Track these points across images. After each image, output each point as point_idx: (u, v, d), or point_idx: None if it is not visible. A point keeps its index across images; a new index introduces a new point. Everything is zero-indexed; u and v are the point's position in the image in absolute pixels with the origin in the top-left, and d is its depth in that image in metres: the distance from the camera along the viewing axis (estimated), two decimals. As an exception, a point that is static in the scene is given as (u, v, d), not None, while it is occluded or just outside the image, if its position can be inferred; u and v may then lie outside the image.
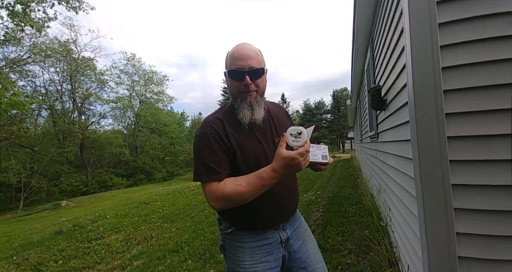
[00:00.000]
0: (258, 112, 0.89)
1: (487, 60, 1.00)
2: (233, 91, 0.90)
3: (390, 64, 1.65)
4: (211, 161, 0.83)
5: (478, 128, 1.01)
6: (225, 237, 0.97)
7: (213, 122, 0.88)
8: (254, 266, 0.90)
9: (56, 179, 19.78)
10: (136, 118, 26.72)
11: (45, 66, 20.23)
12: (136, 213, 5.21)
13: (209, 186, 0.82)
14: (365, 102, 4.19)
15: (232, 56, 0.87)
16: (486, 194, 0.99)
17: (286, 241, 0.97)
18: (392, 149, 1.85)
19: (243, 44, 0.90)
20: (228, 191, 0.78)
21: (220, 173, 0.82)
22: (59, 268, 2.81)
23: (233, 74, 0.86)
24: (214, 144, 0.84)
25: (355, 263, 2.03)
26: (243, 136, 0.88)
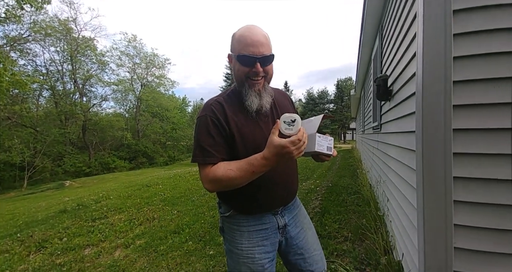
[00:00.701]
0: (266, 100, 0.89)
1: (500, 52, 0.96)
2: (240, 76, 0.87)
3: (400, 52, 1.59)
4: (207, 144, 0.83)
5: (485, 121, 1.00)
6: (224, 220, 0.99)
7: (213, 105, 0.87)
8: (251, 249, 0.92)
9: (59, 159, 20.09)
10: (137, 101, 26.58)
11: (46, 45, 19.87)
12: (139, 195, 5.33)
13: (204, 168, 0.83)
14: (370, 92, 4.12)
15: (242, 40, 0.82)
16: (487, 187, 1.00)
17: (284, 227, 0.98)
18: (395, 141, 1.84)
19: (253, 27, 0.85)
20: (219, 174, 0.79)
21: (214, 157, 0.83)
22: (63, 245, 2.92)
23: (244, 59, 0.83)
24: (212, 127, 0.84)
25: (351, 250, 2.10)
26: (244, 121, 0.88)
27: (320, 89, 47.85)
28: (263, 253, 0.93)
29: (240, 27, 0.88)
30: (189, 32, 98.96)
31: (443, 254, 1.05)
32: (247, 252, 0.92)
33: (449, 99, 1.01)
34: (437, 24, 1.02)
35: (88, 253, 2.69)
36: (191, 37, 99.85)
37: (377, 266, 1.79)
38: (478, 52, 0.99)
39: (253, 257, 0.92)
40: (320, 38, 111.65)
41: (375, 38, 3.36)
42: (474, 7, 0.99)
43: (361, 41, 3.77)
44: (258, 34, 0.83)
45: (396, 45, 1.73)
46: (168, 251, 2.51)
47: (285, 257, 1.04)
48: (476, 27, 0.99)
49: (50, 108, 21.41)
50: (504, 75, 0.96)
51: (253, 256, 0.92)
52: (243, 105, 0.89)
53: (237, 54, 0.83)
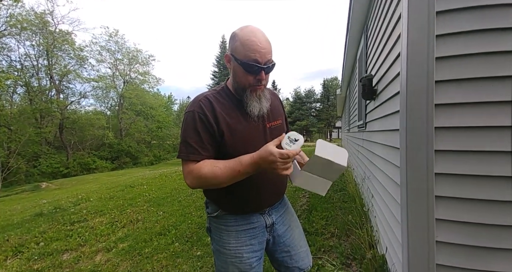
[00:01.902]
0: (264, 104, 0.90)
1: (481, 52, 1.01)
2: (242, 82, 0.85)
3: (384, 52, 1.64)
4: (193, 140, 0.82)
5: (465, 119, 1.04)
6: (211, 220, 0.98)
7: (202, 101, 0.85)
8: (239, 248, 0.92)
9: (35, 160, 18.97)
10: (120, 99, 25.61)
11: (21, 39, 18.68)
12: (122, 196, 5.13)
13: (188, 164, 0.82)
14: (355, 92, 4.22)
15: (249, 45, 0.78)
16: (467, 183, 1.04)
17: (272, 225, 0.99)
18: (380, 139, 1.89)
19: (258, 32, 0.81)
20: (204, 171, 0.79)
21: (199, 154, 0.82)
22: (40, 250, 2.76)
23: (249, 67, 0.80)
24: (199, 123, 0.82)
25: (337, 245, 2.14)
26: (234, 119, 0.87)
27: (307, 88, 48.52)
28: (251, 252, 0.93)
29: (239, 26, 0.85)
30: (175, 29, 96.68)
31: (426, 247, 1.09)
32: (235, 252, 0.92)
33: (431, 98, 1.05)
34: (421, 25, 1.05)
35: (67, 258, 2.56)
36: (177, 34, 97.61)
37: (362, 261, 1.84)
38: (460, 53, 1.04)
39: (241, 257, 0.92)
40: (307, 37, 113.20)
41: (360, 38, 3.44)
42: (456, 8, 1.03)
43: (346, 43, 3.84)
44: (264, 41, 0.81)
45: (380, 46, 1.77)
46: (153, 254, 2.43)
47: (272, 255, 1.05)
48: (459, 28, 1.03)
49: (25, 105, 20.11)
50: (484, 75, 1.00)
51: (241, 255, 0.92)
52: (234, 102, 0.89)
53: (242, 60, 0.80)
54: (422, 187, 1.09)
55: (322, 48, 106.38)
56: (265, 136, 0.92)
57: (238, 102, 0.89)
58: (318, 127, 42.44)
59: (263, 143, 0.85)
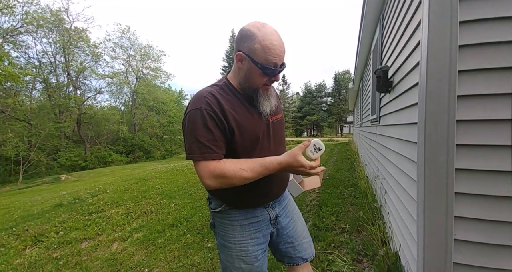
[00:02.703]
0: (273, 102, 0.92)
1: (507, 41, 0.93)
2: (256, 82, 0.85)
3: (402, 42, 1.55)
4: (206, 139, 0.79)
5: (489, 112, 0.97)
6: (215, 215, 0.98)
7: (208, 98, 0.81)
8: (244, 241, 0.93)
9: (54, 153, 19.91)
10: (133, 94, 26.21)
11: (38, 37, 19.35)
12: (136, 188, 5.30)
13: (205, 164, 0.79)
14: (369, 85, 4.08)
15: (270, 49, 0.78)
16: (489, 179, 0.98)
17: (275, 218, 1.00)
18: (395, 133, 1.82)
19: (276, 34, 0.80)
20: (230, 172, 0.78)
21: (215, 152, 0.79)
22: (59, 239, 2.90)
23: (268, 70, 0.81)
24: (209, 121, 0.79)
25: (348, 241, 2.11)
26: (241, 115, 0.85)
27: (318, 82, 47.61)
28: (256, 245, 0.94)
29: (251, 22, 0.81)
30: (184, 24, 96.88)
31: (443, 246, 1.05)
32: (240, 246, 0.93)
33: (453, 89, 0.98)
34: (443, 10, 0.98)
35: (85, 246, 2.68)
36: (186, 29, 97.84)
37: (374, 257, 1.81)
38: (484, 41, 0.96)
39: (247, 250, 0.93)
40: (318, 31, 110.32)
41: (375, 28, 3.30)
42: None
43: (360, 34, 3.70)
44: (283, 44, 0.82)
45: (398, 34, 1.68)
46: (166, 244, 2.50)
47: (276, 246, 1.06)
48: (483, 15, 0.96)
49: (44, 101, 21.03)
50: (510, 64, 0.93)
51: (246, 249, 0.93)
52: (238, 97, 0.88)
53: (263, 64, 0.79)
54: (441, 183, 1.03)
55: (334, 41, 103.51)
56: (268, 130, 0.93)
57: (243, 97, 0.88)
58: (329, 122, 41.74)
59: (267, 138, 0.91)
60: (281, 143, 1.00)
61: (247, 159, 0.83)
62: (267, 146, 0.92)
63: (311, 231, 2.39)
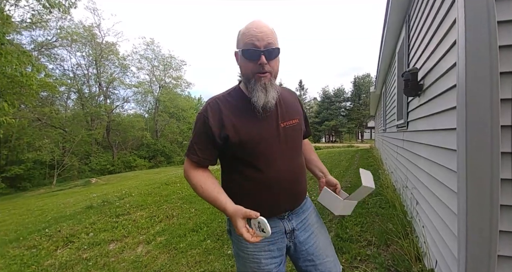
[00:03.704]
0: (272, 95, 0.85)
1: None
2: (247, 72, 0.84)
3: (434, 42, 1.46)
4: (194, 141, 0.90)
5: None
6: (230, 223, 0.96)
7: (210, 104, 0.88)
8: (257, 253, 0.90)
9: (86, 158, 21.36)
10: (156, 102, 27.54)
11: (72, 51, 21.23)
12: (158, 193, 5.48)
13: (187, 161, 0.92)
14: (394, 88, 3.90)
15: (246, 33, 0.80)
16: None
17: (292, 232, 0.95)
18: (427, 139, 1.70)
19: (257, 21, 0.83)
20: (193, 181, 0.89)
21: (196, 154, 0.89)
22: (90, 240, 3.05)
23: (248, 53, 0.80)
24: (201, 126, 0.87)
25: (376, 255, 1.98)
26: (243, 119, 0.86)
27: (336, 87, 46.62)
28: (269, 258, 0.91)
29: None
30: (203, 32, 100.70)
31: (486, 262, 0.94)
32: (253, 257, 0.90)
33: (496, 92, 0.90)
34: (479, 10, 0.91)
35: (113, 248, 2.79)
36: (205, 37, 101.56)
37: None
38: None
39: (259, 262, 0.89)
40: (336, 35, 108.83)
41: (400, 30, 3.17)
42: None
43: (383, 36, 3.57)
44: (262, 26, 0.81)
45: (428, 35, 1.59)
46: (188, 249, 2.53)
47: (295, 263, 1.00)
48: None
49: (77, 110, 22.81)
50: None
51: (259, 261, 0.90)
52: (245, 102, 0.87)
53: (242, 49, 0.82)
54: (485, 195, 0.94)
55: (352, 45, 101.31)
56: (278, 136, 0.89)
57: (250, 102, 0.86)
58: (348, 127, 40.46)
59: (277, 143, 0.88)
60: (295, 150, 0.95)
61: (215, 183, 0.89)
62: (279, 152, 0.88)
63: (334, 242, 2.29)
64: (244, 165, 0.88)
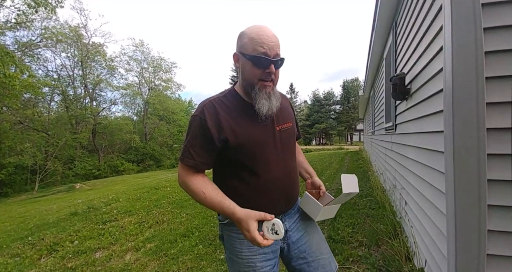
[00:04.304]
0: (274, 103, 0.87)
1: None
2: (251, 77, 0.83)
3: (420, 48, 1.52)
4: (190, 145, 0.85)
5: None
6: (223, 228, 0.96)
7: (206, 107, 0.85)
8: (251, 257, 0.90)
9: (70, 162, 20.56)
10: (145, 105, 27.01)
11: (57, 51, 20.52)
12: (147, 197, 5.33)
13: (182, 167, 0.86)
14: (381, 92, 4.02)
15: (257, 40, 0.80)
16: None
17: (285, 233, 0.96)
18: (415, 142, 1.75)
19: (265, 28, 0.83)
20: (192, 187, 0.84)
21: (193, 159, 0.84)
22: (75, 248, 2.92)
23: (258, 60, 0.80)
24: (198, 129, 0.84)
25: (367, 256, 2.00)
26: (240, 122, 0.85)
27: (326, 90, 47.50)
28: (264, 261, 0.91)
29: (248, 26, 0.86)
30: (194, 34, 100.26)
31: (475, 261, 0.97)
32: (247, 261, 0.90)
33: (482, 96, 0.94)
34: (466, 16, 0.96)
35: (99, 256, 2.68)
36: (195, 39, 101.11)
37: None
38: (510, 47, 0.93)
39: (254, 266, 0.89)
40: (325, 39, 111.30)
41: (387, 36, 3.28)
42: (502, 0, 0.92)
43: (371, 41, 3.69)
44: (272, 35, 0.82)
45: (415, 41, 1.65)
46: (179, 255, 2.47)
47: (288, 263, 1.00)
48: (506, 21, 0.93)
49: (61, 112, 21.98)
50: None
51: (254, 264, 0.89)
52: (241, 105, 0.88)
53: (250, 54, 0.80)
54: (472, 195, 0.97)
55: (341, 49, 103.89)
56: (274, 139, 0.90)
57: (246, 105, 0.88)
58: (338, 130, 41.22)
59: (273, 146, 0.89)
60: (290, 153, 0.97)
61: (216, 188, 0.85)
62: (275, 155, 0.89)
63: (327, 243, 2.30)
64: (240, 169, 0.87)
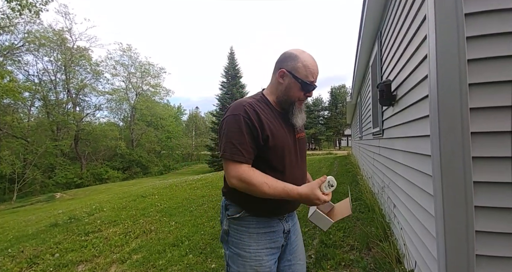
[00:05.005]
0: (304, 117, 1.04)
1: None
2: (294, 96, 0.97)
3: (405, 56, 1.59)
4: (238, 142, 0.87)
5: (503, 123, 0.97)
6: (231, 222, 0.98)
7: (246, 106, 0.91)
8: (259, 251, 0.94)
9: (50, 171, 19.56)
10: (132, 110, 26.38)
11: (39, 55, 19.84)
12: (134, 206, 5.14)
13: (234, 165, 0.87)
14: (368, 98, 4.14)
15: (309, 68, 0.94)
16: (508, 191, 0.96)
17: (288, 232, 1.04)
18: (402, 146, 1.81)
19: (313, 58, 0.98)
20: (254, 181, 0.84)
21: (243, 155, 0.86)
22: (55, 261, 2.74)
23: (306, 87, 0.95)
24: (244, 127, 0.87)
25: (359, 259, 2.02)
26: (276, 125, 0.94)
27: (314, 97, 48.50)
28: (270, 255, 0.96)
29: (293, 48, 1.00)
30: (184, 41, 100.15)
31: (465, 261, 1.00)
32: (255, 255, 0.93)
33: (465, 102, 0.99)
34: (449, 26, 1.01)
35: (82, 269, 2.53)
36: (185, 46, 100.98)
37: (388, 277, 1.72)
38: (491, 55, 0.98)
39: (261, 260, 0.93)
40: (313, 47, 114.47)
41: (373, 45, 3.41)
42: (485, 10, 0.99)
43: (358, 50, 3.82)
44: (316, 65, 0.98)
45: (400, 50, 1.73)
46: (167, 266, 2.38)
47: (278, 261, 1.05)
48: (488, 30, 0.99)
49: (42, 118, 21.02)
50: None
51: (260, 258, 0.93)
52: (272, 111, 0.98)
53: (303, 80, 0.94)
54: (460, 197, 1.00)
55: (328, 57, 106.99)
56: (295, 145, 1.01)
57: (277, 112, 0.99)
58: (327, 135, 41.96)
59: (294, 152, 0.99)
60: (304, 159, 1.07)
61: (273, 177, 0.88)
62: (295, 161, 0.99)
63: (319, 248, 2.30)
64: (268, 167, 0.92)
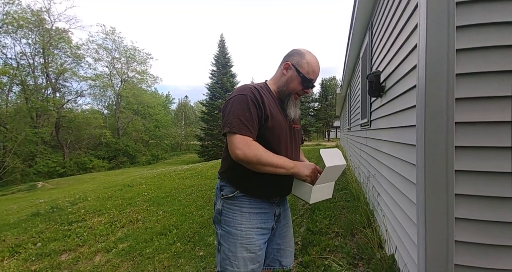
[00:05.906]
0: (298, 111, 1.10)
1: (501, 45, 0.97)
2: (293, 88, 1.05)
3: (395, 46, 1.59)
4: (245, 118, 0.91)
5: (487, 114, 1.00)
6: (225, 202, 1.03)
7: (252, 89, 0.98)
8: (250, 229, 0.99)
9: (31, 159, 18.74)
10: (117, 98, 25.40)
11: (17, 37, 18.44)
12: (120, 196, 5.05)
13: (240, 137, 0.90)
14: (358, 90, 4.18)
15: (312, 66, 1.03)
16: (488, 180, 1.00)
17: (279, 216, 1.10)
18: (388, 136, 1.84)
19: (317, 59, 1.06)
20: (260, 149, 0.91)
21: (249, 131, 0.91)
22: (38, 250, 2.68)
23: (306, 82, 1.04)
24: (250, 105, 0.93)
25: (343, 245, 2.10)
26: (275, 109, 1.01)
27: (305, 88, 48.53)
28: (260, 235, 1.00)
29: (303, 47, 1.08)
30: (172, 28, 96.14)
31: (444, 247, 1.04)
32: (246, 233, 0.98)
33: (451, 92, 1.00)
34: (440, 15, 1.00)
35: (65, 259, 2.48)
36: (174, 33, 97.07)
37: (370, 261, 1.80)
38: (480, 45, 0.99)
39: (251, 238, 0.98)
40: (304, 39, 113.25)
41: (363, 36, 3.40)
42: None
43: (349, 41, 3.80)
44: (319, 68, 1.07)
45: (390, 40, 1.72)
46: (155, 254, 2.37)
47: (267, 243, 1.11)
48: (479, 20, 0.99)
49: (21, 104, 19.84)
50: (507, 68, 0.96)
51: (251, 236, 0.98)
52: (273, 98, 1.05)
53: (304, 74, 1.02)
54: (441, 185, 1.04)
55: (319, 49, 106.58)
56: (290, 133, 1.07)
57: (277, 100, 1.07)
58: (316, 127, 42.51)
59: (288, 137, 1.06)
60: (297, 147, 1.13)
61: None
62: (290, 148, 1.06)
63: (306, 235, 2.36)
64: (266, 147, 0.95)
